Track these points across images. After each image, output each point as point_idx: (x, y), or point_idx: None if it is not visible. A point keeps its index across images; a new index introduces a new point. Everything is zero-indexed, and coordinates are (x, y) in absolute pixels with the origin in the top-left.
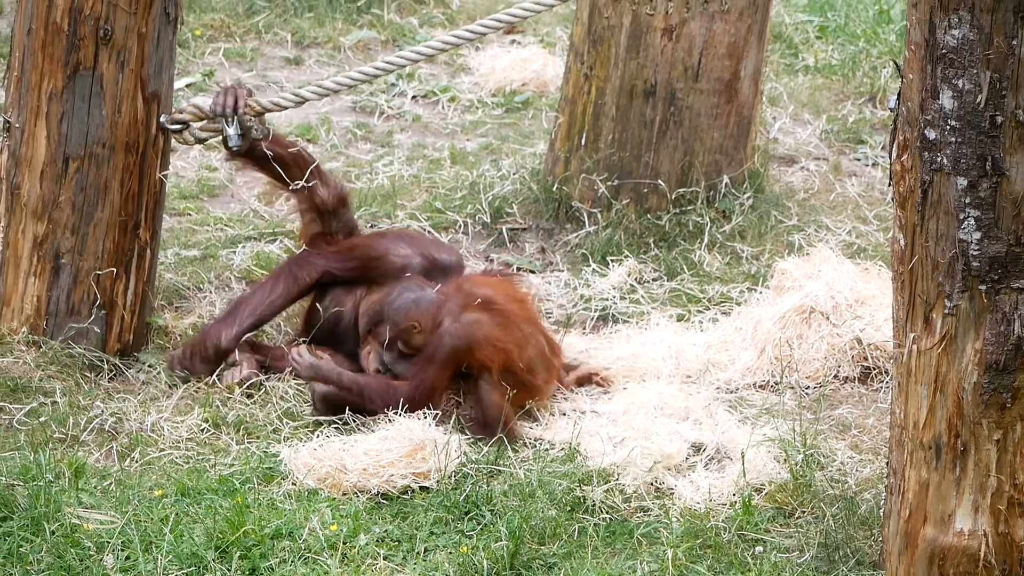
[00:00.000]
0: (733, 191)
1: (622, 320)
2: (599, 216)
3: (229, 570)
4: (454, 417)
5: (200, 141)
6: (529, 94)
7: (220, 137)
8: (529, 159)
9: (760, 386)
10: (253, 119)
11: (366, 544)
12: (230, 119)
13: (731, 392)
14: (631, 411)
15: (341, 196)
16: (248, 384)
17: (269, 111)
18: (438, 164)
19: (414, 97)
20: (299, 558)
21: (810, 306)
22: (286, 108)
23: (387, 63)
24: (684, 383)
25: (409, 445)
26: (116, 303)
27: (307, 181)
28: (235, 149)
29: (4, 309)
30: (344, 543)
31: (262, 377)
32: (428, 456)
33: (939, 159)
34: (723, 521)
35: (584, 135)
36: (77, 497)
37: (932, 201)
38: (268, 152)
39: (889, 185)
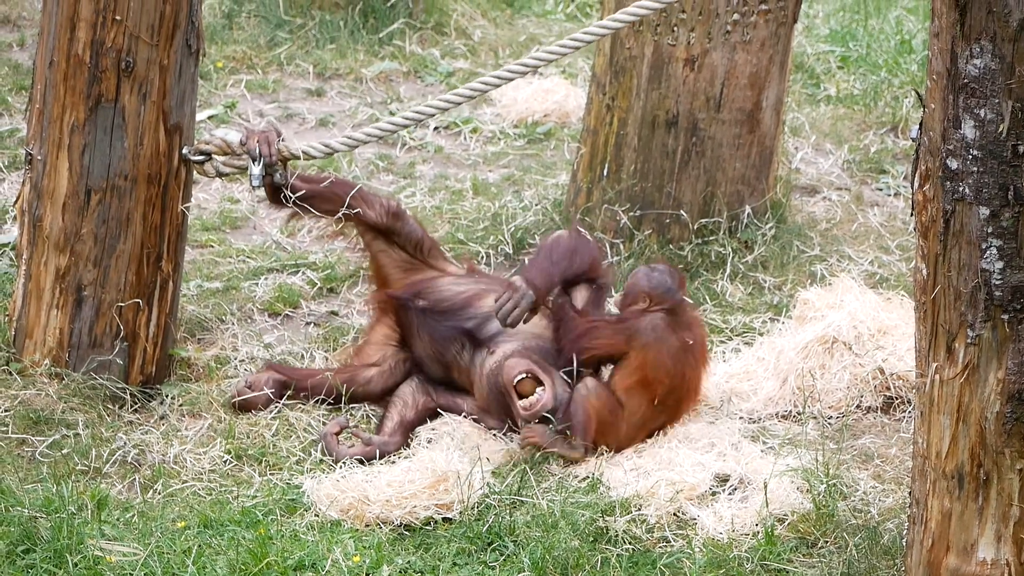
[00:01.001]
0: (755, 221)
1: None
2: (621, 247)
3: None
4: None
5: (221, 175)
6: (551, 125)
7: (243, 172)
8: (551, 190)
9: (783, 416)
10: (278, 164)
11: (389, 575)
12: (256, 159)
13: (754, 422)
14: (656, 442)
15: (393, 211)
16: (260, 405)
17: (296, 158)
18: (460, 195)
19: (436, 128)
20: None
21: (833, 336)
22: (314, 157)
23: (429, 106)
24: (708, 414)
25: (432, 476)
26: (138, 335)
27: (349, 208)
28: (256, 187)
29: (27, 341)
30: (367, 574)
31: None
32: (451, 487)
33: (961, 189)
34: (746, 551)
35: (606, 166)
36: (100, 529)
37: (954, 231)
38: (303, 191)
39: (911, 215)
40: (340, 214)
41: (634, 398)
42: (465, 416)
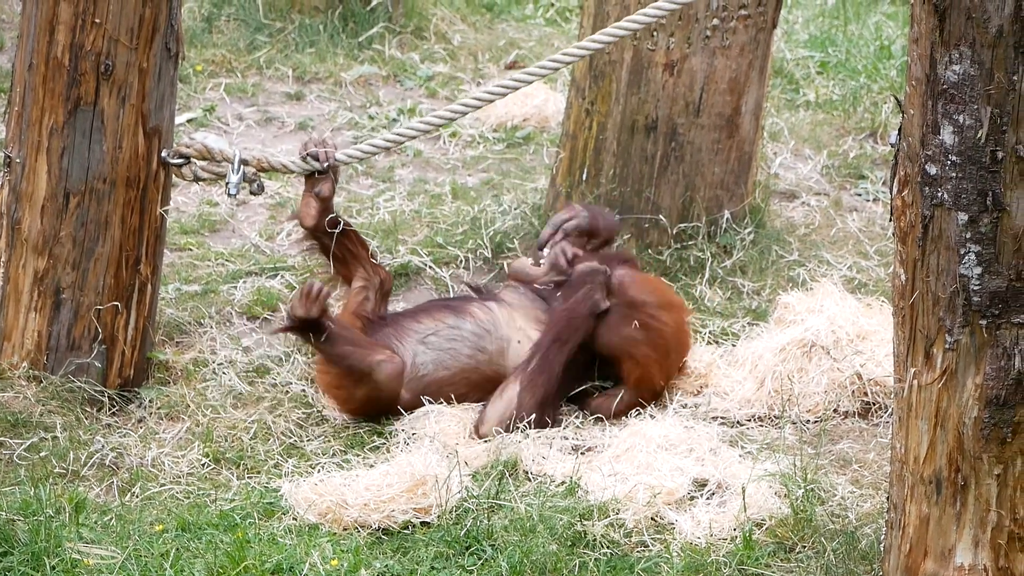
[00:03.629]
0: (734, 226)
1: None
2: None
3: None
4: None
5: (198, 180)
6: (530, 129)
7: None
8: (530, 194)
9: (759, 418)
10: (257, 173)
11: None
12: (235, 167)
13: (732, 426)
14: (634, 447)
15: (389, 279)
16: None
17: (276, 170)
18: (439, 199)
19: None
20: None
21: (811, 340)
22: (293, 172)
23: (423, 123)
24: (685, 417)
25: (410, 480)
26: (117, 338)
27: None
28: (232, 195)
29: (5, 344)
30: None
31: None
32: (429, 491)
33: (940, 194)
34: (724, 556)
35: (585, 170)
36: (77, 532)
37: (933, 236)
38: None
39: (890, 220)
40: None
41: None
42: None
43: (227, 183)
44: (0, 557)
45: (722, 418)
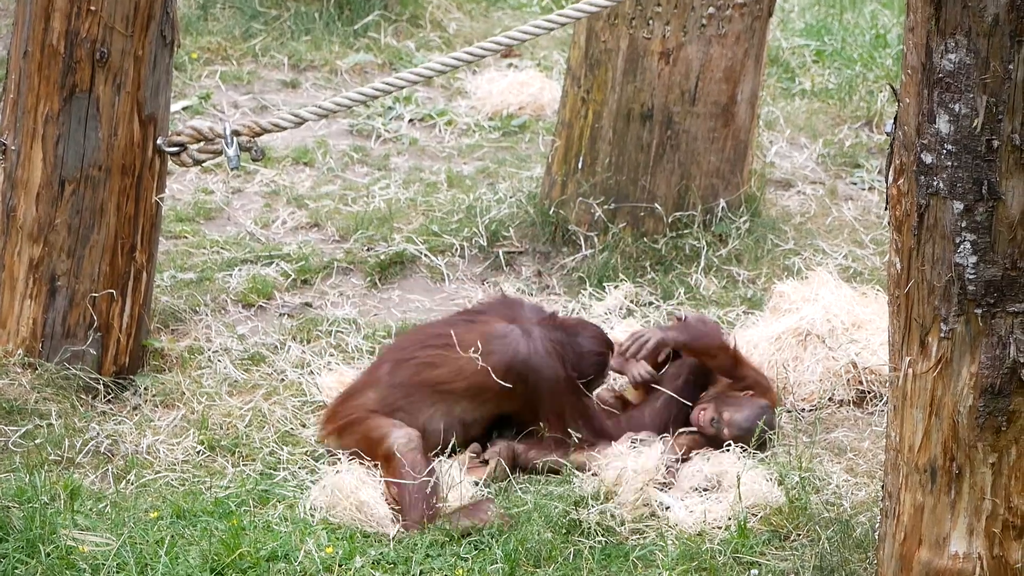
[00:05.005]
0: (730, 215)
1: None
2: (595, 240)
3: None
4: None
5: (198, 163)
6: (526, 118)
7: (219, 158)
8: (526, 183)
9: None
10: (252, 140)
11: (362, 567)
12: (229, 140)
13: None
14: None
15: None
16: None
17: (268, 131)
18: (435, 187)
19: (411, 120)
20: None
21: (806, 329)
22: (285, 128)
23: (386, 84)
24: None
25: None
26: (112, 325)
27: None
28: (233, 168)
29: (0, 331)
30: (340, 566)
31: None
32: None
33: (935, 183)
34: (718, 544)
35: (581, 159)
36: (73, 519)
37: (928, 225)
38: None
39: (885, 209)
40: None
41: None
42: None
43: (226, 158)
44: None
45: None
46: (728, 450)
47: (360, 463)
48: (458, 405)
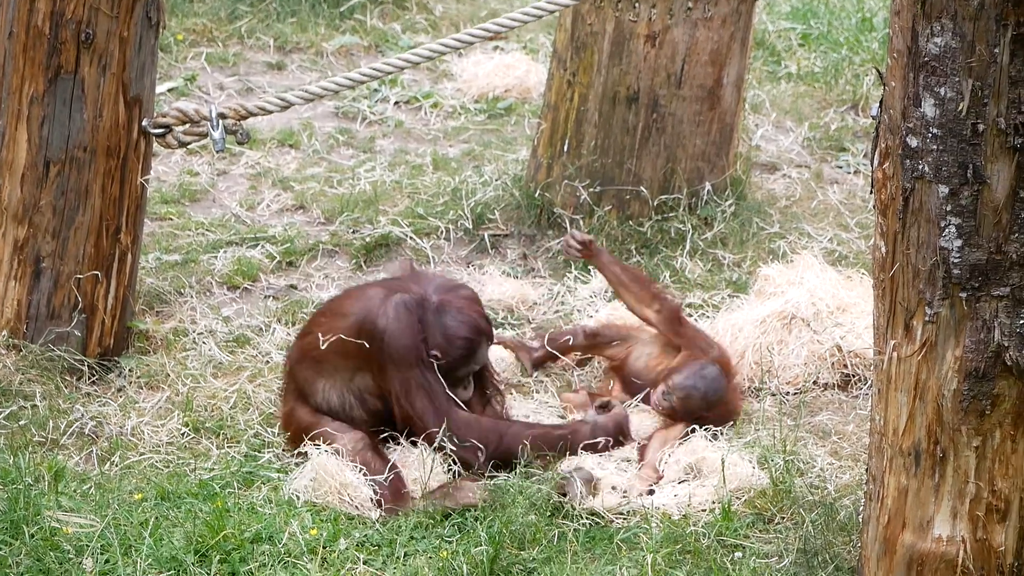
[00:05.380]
0: (715, 198)
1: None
2: (581, 223)
3: (209, 574)
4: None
5: (183, 145)
6: (512, 100)
7: (204, 140)
8: (511, 165)
9: (740, 390)
10: (237, 123)
11: (346, 549)
12: (215, 123)
13: None
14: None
15: None
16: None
17: (254, 115)
18: (420, 170)
19: (397, 103)
20: (279, 562)
21: (791, 312)
22: (271, 112)
23: (374, 69)
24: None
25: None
26: (97, 307)
27: None
28: (219, 151)
29: None
30: (324, 547)
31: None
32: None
33: (921, 167)
34: (703, 527)
35: (567, 141)
36: (57, 500)
37: (913, 208)
38: None
39: (871, 192)
40: None
41: None
42: None
43: (212, 140)
44: None
45: None
46: (698, 426)
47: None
48: (339, 375)
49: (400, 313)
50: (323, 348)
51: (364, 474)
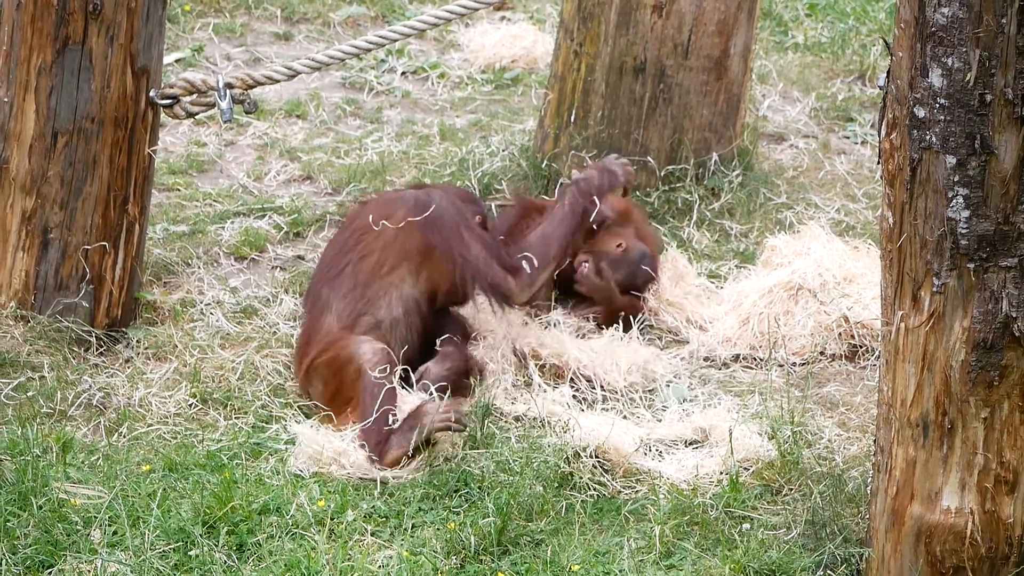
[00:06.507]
0: (722, 168)
1: None
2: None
3: (216, 545)
4: None
5: (191, 115)
6: (519, 71)
7: (212, 111)
8: (518, 136)
9: (743, 358)
10: (245, 92)
11: (353, 520)
12: (222, 92)
13: (719, 368)
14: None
15: None
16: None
17: (261, 84)
18: (427, 140)
19: (404, 73)
20: (286, 534)
21: (798, 283)
22: (278, 81)
23: (379, 37)
24: (674, 349)
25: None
26: (104, 278)
27: None
28: (227, 121)
29: None
30: (331, 519)
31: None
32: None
33: (928, 137)
34: (710, 498)
35: (573, 112)
36: (64, 472)
37: (921, 179)
38: None
39: (878, 163)
40: None
41: None
42: None
43: (220, 111)
44: None
45: (709, 360)
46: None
47: (324, 422)
48: (404, 283)
49: (441, 195)
50: (396, 259)
51: (356, 437)
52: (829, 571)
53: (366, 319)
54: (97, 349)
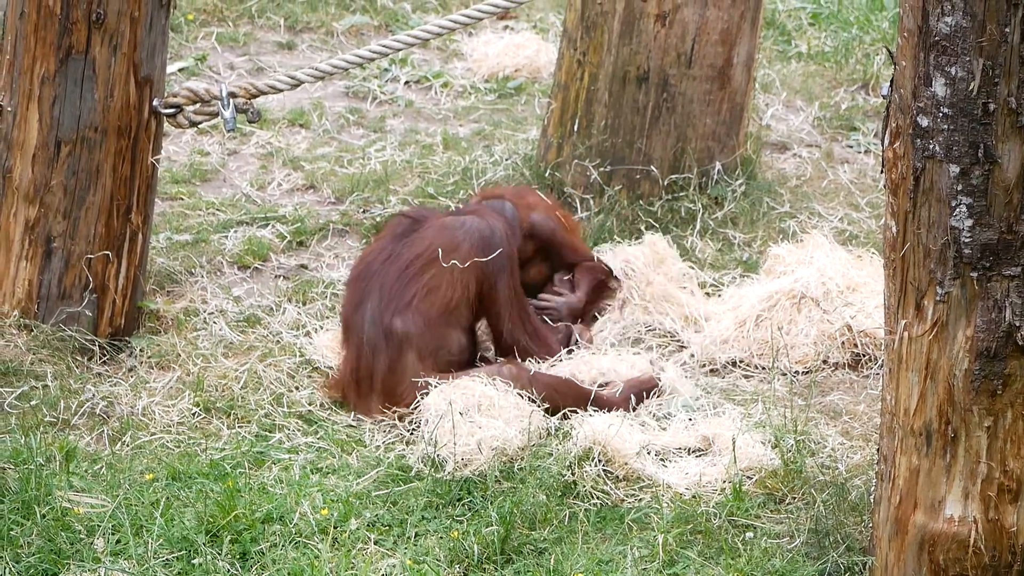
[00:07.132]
0: (725, 178)
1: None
2: (591, 202)
3: (220, 554)
4: None
5: (194, 124)
6: (522, 80)
7: (215, 120)
8: (522, 145)
9: (740, 363)
10: (248, 102)
11: (357, 528)
12: (225, 102)
13: (720, 376)
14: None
15: None
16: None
17: (264, 93)
18: (431, 149)
19: (407, 82)
20: (290, 542)
21: (801, 292)
22: (281, 91)
23: (382, 46)
24: (673, 358)
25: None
26: (108, 287)
27: None
28: (230, 130)
29: None
30: (335, 527)
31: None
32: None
33: (931, 146)
34: (714, 507)
35: (577, 121)
36: (68, 481)
37: (924, 188)
38: None
39: (881, 172)
40: None
41: None
42: None
43: (223, 120)
44: None
45: (708, 366)
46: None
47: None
48: (463, 317)
49: (502, 227)
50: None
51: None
52: None
53: (443, 353)
54: (100, 358)
